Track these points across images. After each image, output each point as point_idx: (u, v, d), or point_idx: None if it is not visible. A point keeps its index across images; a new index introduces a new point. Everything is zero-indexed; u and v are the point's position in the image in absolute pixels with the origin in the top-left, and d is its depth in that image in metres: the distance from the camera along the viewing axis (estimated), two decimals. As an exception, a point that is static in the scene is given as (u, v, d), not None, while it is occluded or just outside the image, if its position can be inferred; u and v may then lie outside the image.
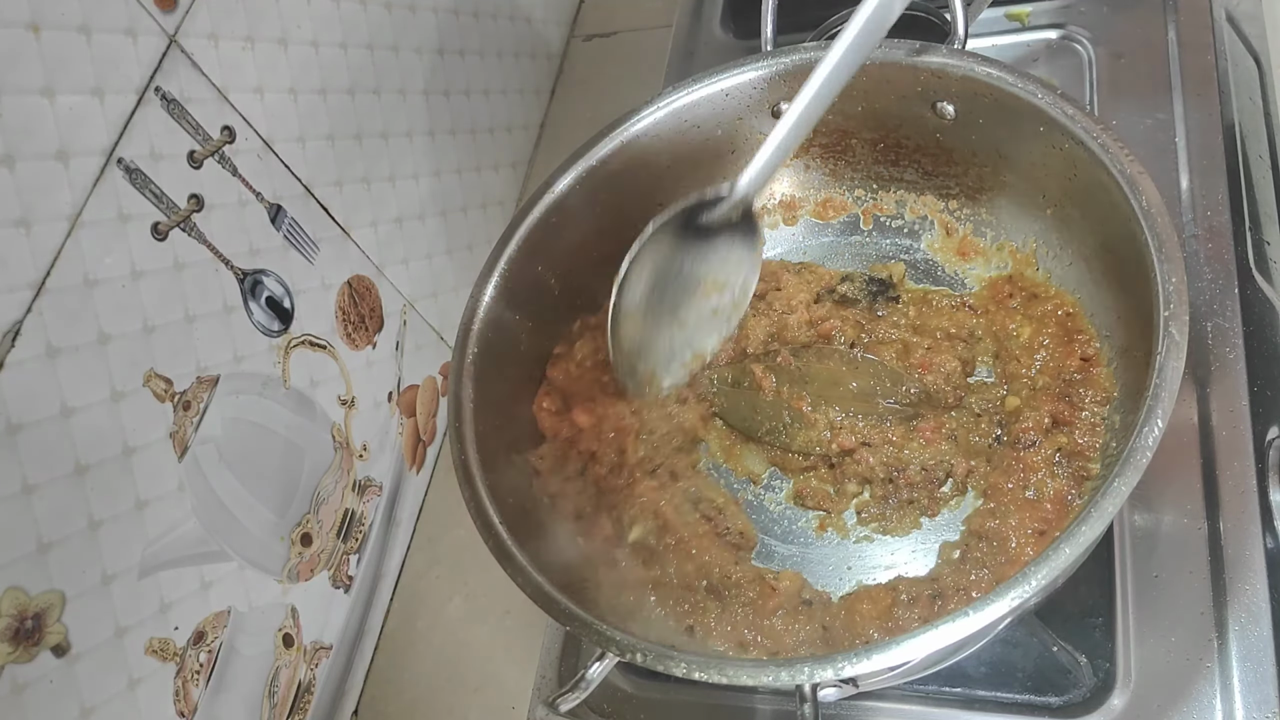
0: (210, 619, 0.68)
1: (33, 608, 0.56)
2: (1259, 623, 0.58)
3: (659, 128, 0.73)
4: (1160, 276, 0.53)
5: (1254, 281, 0.70)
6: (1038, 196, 0.67)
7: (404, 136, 0.88)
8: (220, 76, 0.68)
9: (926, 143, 0.71)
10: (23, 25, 0.55)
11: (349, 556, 0.82)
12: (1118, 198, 0.57)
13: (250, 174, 0.71)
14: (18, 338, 0.55)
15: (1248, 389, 0.65)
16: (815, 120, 0.60)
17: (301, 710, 0.77)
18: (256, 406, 0.72)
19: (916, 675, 0.64)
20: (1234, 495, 0.62)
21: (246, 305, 0.71)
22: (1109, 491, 0.47)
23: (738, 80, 0.72)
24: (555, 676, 0.73)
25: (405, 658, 0.86)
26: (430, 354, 0.93)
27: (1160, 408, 0.49)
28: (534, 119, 1.12)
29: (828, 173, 0.78)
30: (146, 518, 0.63)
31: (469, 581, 0.88)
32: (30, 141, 0.56)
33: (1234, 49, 0.81)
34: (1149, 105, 0.78)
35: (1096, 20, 0.84)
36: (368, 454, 0.84)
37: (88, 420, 0.59)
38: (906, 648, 0.47)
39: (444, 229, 0.94)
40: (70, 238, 0.58)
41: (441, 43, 0.94)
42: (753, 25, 0.76)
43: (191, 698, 0.66)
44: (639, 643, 0.53)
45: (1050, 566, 0.46)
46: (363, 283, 0.84)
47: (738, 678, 0.49)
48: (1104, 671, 0.60)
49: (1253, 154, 0.77)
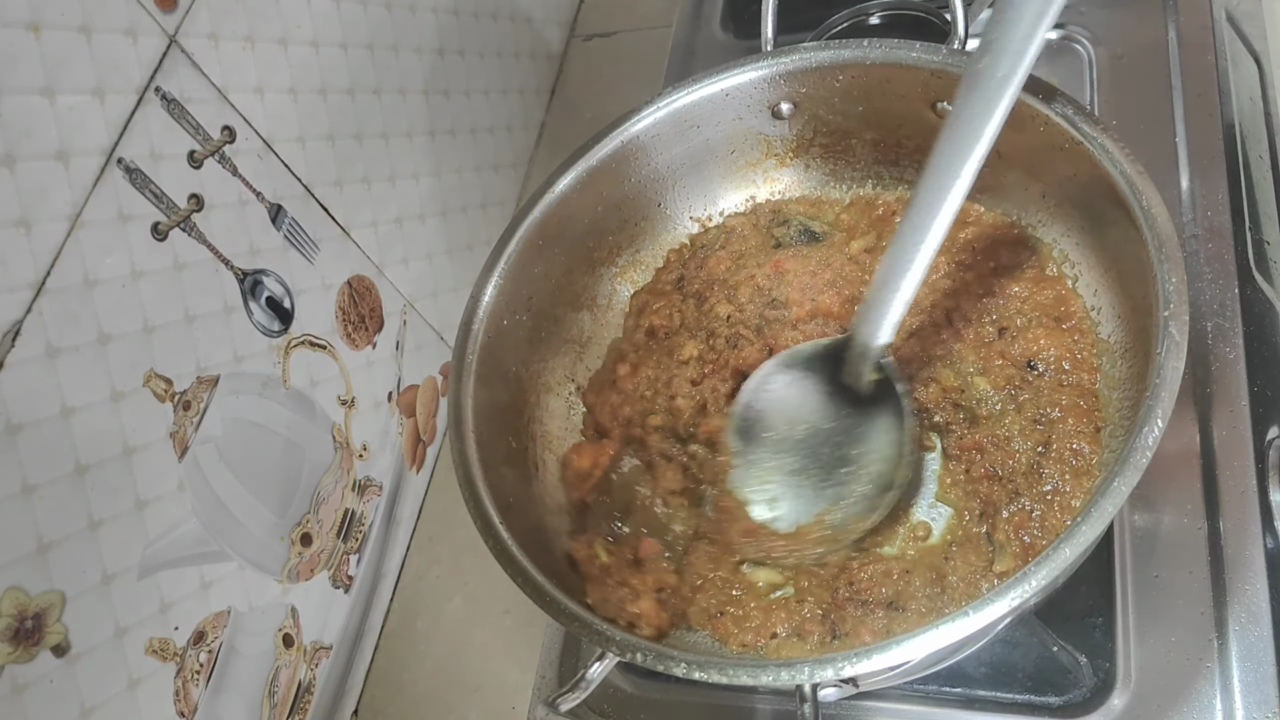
0: (210, 619, 0.68)
1: (33, 608, 0.56)
2: (1259, 623, 0.58)
3: (659, 128, 0.73)
4: (1160, 276, 0.53)
5: (1254, 281, 0.70)
6: (1038, 196, 0.67)
7: (404, 136, 0.88)
8: (220, 76, 0.68)
9: (927, 143, 0.70)
10: (23, 25, 0.55)
11: (349, 556, 0.82)
12: (1118, 198, 0.57)
13: (250, 174, 0.71)
14: (18, 338, 0.55)
15: (1248, 389, 0.65)
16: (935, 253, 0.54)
17: (301, 710, 0.77)
18: (256, 406, 0.72)
19: (916, 675, 0.64)
20: (1234, 495, 0.62)
21: (246, 305, 0.71)
22: (1109, 491, 0.47)
23: (738, 80, 0.72)
24: (555, 676, 0.73)
25: (405, 658, 0.86)
26: (430, 354, 0.93)
27: (1160, 408, 0.49)
28: (534, 119, 1.12)
29: (828, 172, 0.78)
30: (146, 518, 0.63)
31: (469, 581, 0.88)
32: (30, 141, 0.56)
33: (1234, 49, 0.81)
34: (1149, 105, 0.78)
35: (1096, 20, 0.84)
36: (368, 454, 0.84)
37: (88, 420, 0.59)
38: (906, 648, 0.47)
39: (444, 229, 0.94)
40: (70, 238, 0.58)
41: (441, 43, 0.94)
42: (753, 25, 0.77)
43: (191, 698, 0.66)
44: (639, 643, 0.53)
45: (1050, 566, 0.46)
46: (363, 283, 0.84)
47: (738, 677, 0.49)
48: (1104, 671, 0.60)
49: (1253, 154, 0.77)
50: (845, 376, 0.62)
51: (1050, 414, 0.61)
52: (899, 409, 0.60)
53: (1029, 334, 0.64)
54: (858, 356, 0.60)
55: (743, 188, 0.79)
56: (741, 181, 0.79)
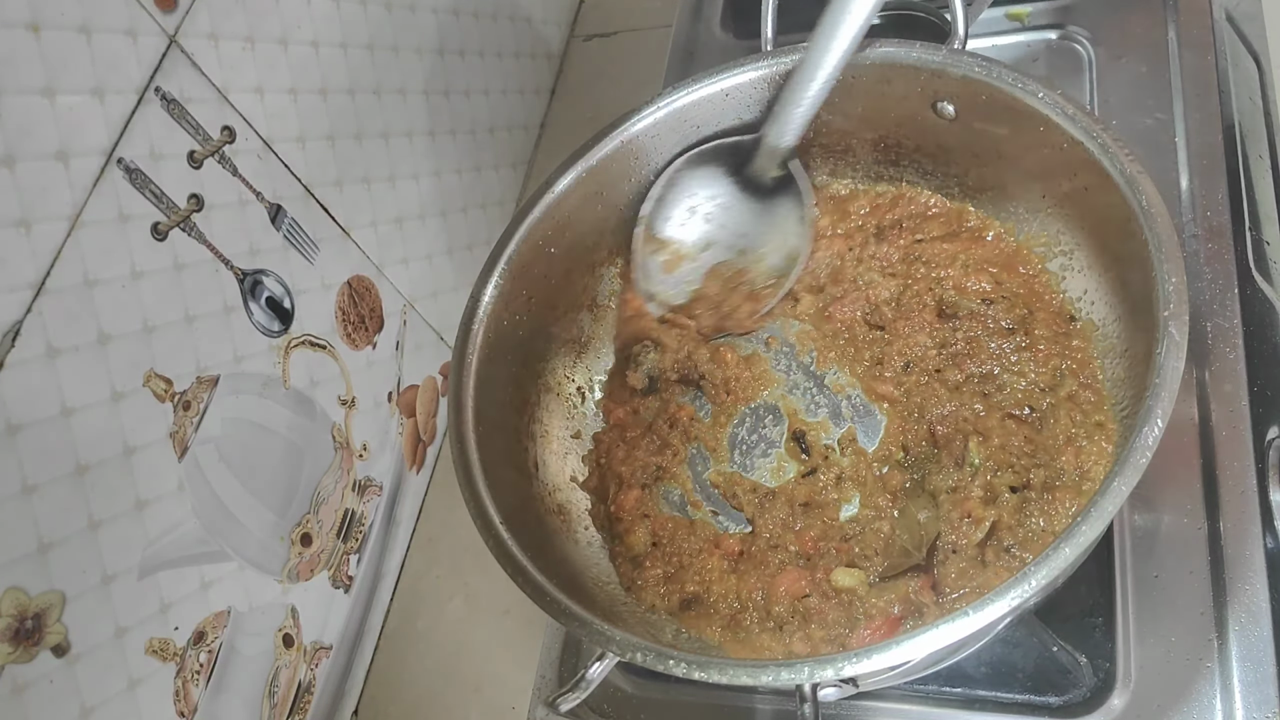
0: (210, 619, 0.68)
1: (33, 608, 0.56)
2: (1259, 623, 0.58)
3: (659, 128, 0.73)
4: (1160, 276, 0.53)
5: (1254, 281, 0.70)
6: (1038, 196, 0.67)
7: (404, 136, 0.88)
8: (220, 76, 0.68)
9: (926, 143, 0.71)
10: (23, 25, 0.55)
11: (349, 556, 0.82)
12: (1118, 198, 0.57)
13: (250, 174, 0.71)
14: (18, 338, 0.55)
15: (1248, 389, 0.65)
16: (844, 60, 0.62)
17: (301, 710, 0.77)
18: (256, 406, 0.72)
19: (916, 675, 0.64)
20: (1234, 495, 0.62)
21: (246, 305, 0.71)
22: (1109, 491, 0.47)
23: (738, 80, 0.71)
24: (555, 676, 0.73)
25: (405, 658, 0.86)
26: (430, 354, 0.93)
27: (1160, 408, 0.49)
28: (534, 119, 1.12)
29: (828, 172, 0.77)
30: (146, 518, 0.63)
31: (469, 581, 0.88)
32: (30, 141, 0.56)
33: (1234, 49, 0.81)
34: (1149, 105, 0.78)
35: (1096, 20, 0.84)
36: (368, 454, 0.84)
37: (88, 420, 0.59)
38: (906, 648, 0.47)
39: (444, 229, 0.94)
40: (70, 238, 0.58)
41: (441, 43, 0.94)
42: (753, 25, 0.76)
43: (191, 698, 0.66)
44: (639, 643, 0.53)
45: (1050, 566, 0.46)
46: (363, 283, 0.84)
47: (738, 678, 0.49)
48: (1104, 671, 0.60)
49: (1253, 154, 0.77)
50: (752, 171, 0.72)
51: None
52: (798, 196, 0.73)
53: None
54: (766, 155, 0.70)
55: (743, 188, 0.79)
56: (741, 181, 0.79)
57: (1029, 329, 0.66)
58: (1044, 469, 0.60)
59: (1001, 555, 0.59)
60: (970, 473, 0.62)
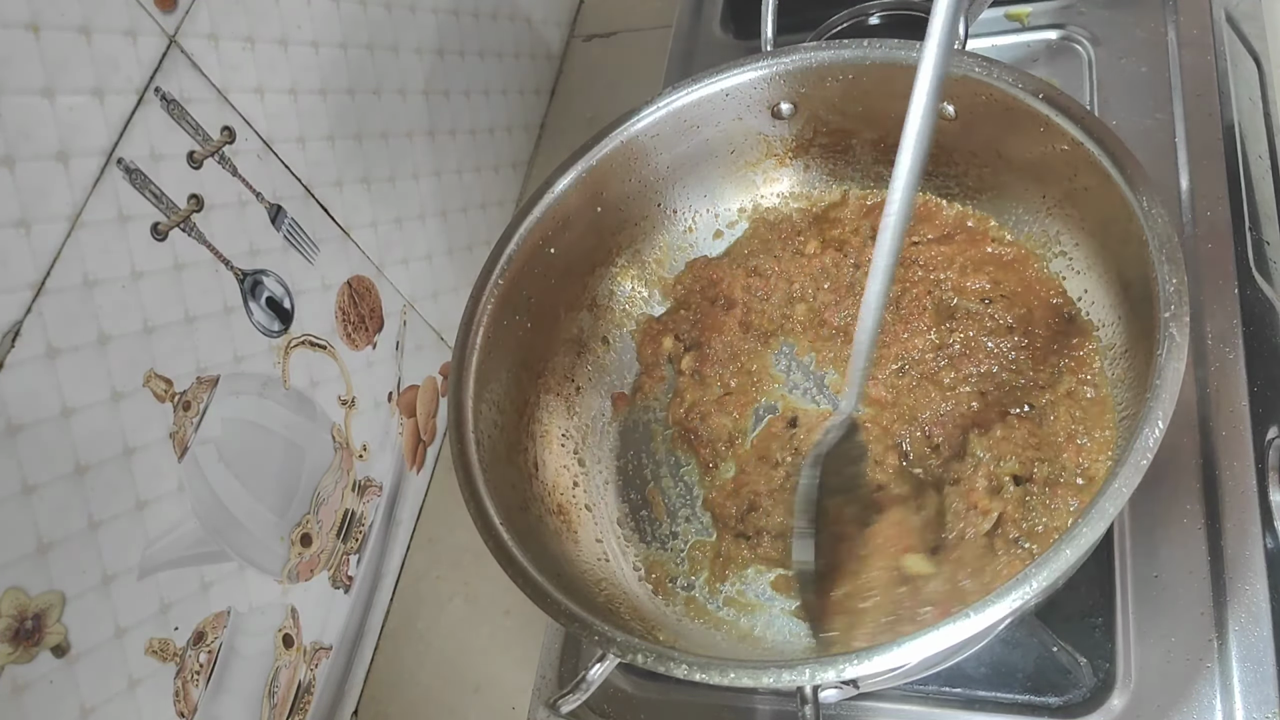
0: (210, 619, 0.68)
1: (33, 608, 0.56)
2: (1259, 623, 0.58)
3: (659, 128, 0.73)
4: (1160, 277, 0.53)
5: (1254, 281, 0.70)
6: (1038, 197, 0.67)
7: (404, 136, 0.88)
8: (220, 77, 0.68)
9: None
10: (23, 25, 0.55)
11: (349, 557, 0.82)
12: (1118, 198, 0.57)
13: (250, 174, 0.71)
14: (18, 338, 0.55)
15: (1248, 389, 0.65)
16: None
17: (301, 710, 0.77)
18: (256, 407, 0.72)
19: (917, 676, 0.64)
20: (1234, 495, 0.62)
21: (246, 305, 0.71)
22: (1109, 492, 0.47)
23: (738, 80, 0.72)
24: (555, 677, 0.73)
25: (405, 658, 0.86)
26: (430, 354, 0.93)
27: (1161, 408, 0.49)
28: (534, 119, 1.12)
29: (828, 172, 0.78)
30: (146, 518, 0.63)
31: (469, 581, 0.88)
32: (30, 142, 0.56)
33: (1234, 49, 0.81)
34: (1149, 105, 0.78)
35: (1096, 20, 0.84)
36: (368, 454, 0.84)
37: (88, 420, 0.59)
38: (907, 649, 0.47)
39: (444, 229, 0.94)
40: (70, 238, 0.58)
41: (441, 43, 0.94)
42: (753, 25, 0.77)
43: (191, 698, 0.66)
44: (639, 643, 0.53)
45: (1050, 567, 0.46)
46: (363, 283, 0.84)
47: (739, 679, 0.49)
48: (1104, 672, 0.60)
49: (1253, 154, 0.77)
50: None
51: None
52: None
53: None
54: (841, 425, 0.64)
55: (742, 188, 0.79)
56: (741, 181, 0.79)
57: (1028, 327, 0.66)
58: (1048, 464, 0.60)
59: (1010, 547, 0.59)
60: (972, 464, 0.62)
